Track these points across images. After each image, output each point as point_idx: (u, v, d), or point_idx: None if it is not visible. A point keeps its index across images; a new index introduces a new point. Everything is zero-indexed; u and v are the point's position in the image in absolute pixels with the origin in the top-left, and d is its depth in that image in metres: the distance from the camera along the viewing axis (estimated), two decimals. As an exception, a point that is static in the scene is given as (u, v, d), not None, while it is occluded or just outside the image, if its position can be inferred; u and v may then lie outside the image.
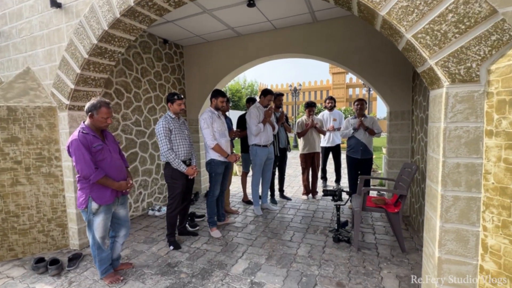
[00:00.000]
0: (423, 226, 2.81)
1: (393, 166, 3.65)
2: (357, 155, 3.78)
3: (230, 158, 3.15)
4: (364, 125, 3.72)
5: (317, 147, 4.47)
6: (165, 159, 2.77)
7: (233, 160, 3.19)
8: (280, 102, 4.25)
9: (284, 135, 4.32)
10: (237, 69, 4.55)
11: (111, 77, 3.51)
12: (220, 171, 3.15)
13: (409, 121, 3.53)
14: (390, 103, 3.61)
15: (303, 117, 4.58)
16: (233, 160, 3.18)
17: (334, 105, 5.22)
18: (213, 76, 4.71)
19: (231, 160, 3.16)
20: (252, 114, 3.68)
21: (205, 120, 3.05)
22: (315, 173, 4.56)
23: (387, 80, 3.59)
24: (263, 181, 4.04)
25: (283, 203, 4.36)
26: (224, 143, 3.15)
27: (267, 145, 3.78)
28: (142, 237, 3.17)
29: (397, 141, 3.61)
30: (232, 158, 3.17)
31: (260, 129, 3.64)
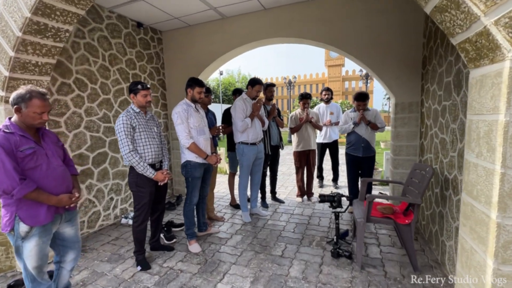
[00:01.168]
0: (436, 238, 2.39)
1: (398, 165, 3.21)
2: (358, 152, 3.32)
3: (209, 159, 2.66)
4: (366, 119, 3.26)
5: (312, 143, 4.00)
6: (128, 163, 2.27)
7: (214, 162, 2.70)
8: (271, 94, 3.75)
9: (276, 131, 3.84)
10: (223, 56, 4.02)
11: (70, 64, 2.97)
12: (198, 175, 2.66)
13: (417, 114, 3.07)
14: (396, 94, 3.15)
15: (297, 111, 4.09)
16: (213, 162, 2.70)
17: (331, 97, 4.74)
18: (197, 64, 4.18)
19: (211, 162, 2.68)
20: (237, 107, 3.18)
21: (179, 114, 2.54)
22: (310, 172, 4.11)
23: (392, 66, 3.12)
24: (252, 184, 3.57)
25: (275, 206, 3.91)
26: (203, 142, 2.66)
27: (256, 143, 3.30)
28: (107, 254, 2.69)
29: (403, 137, 3.16)
30: (212, 160, 2.69)
31: (247, 125, 3.15)
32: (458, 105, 1.96)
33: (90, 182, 3.19)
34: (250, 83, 3.24)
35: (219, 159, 2.77)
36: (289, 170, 6.47)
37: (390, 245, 2.68)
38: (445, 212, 2.19)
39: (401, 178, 3.20)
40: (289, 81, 13.84)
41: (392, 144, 3.27)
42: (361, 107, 3.29)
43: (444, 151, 2.24)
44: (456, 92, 2.00)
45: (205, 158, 2.63)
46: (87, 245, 2.87)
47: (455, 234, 1.98)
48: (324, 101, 4.74)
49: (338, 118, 4.74)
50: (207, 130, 2.78)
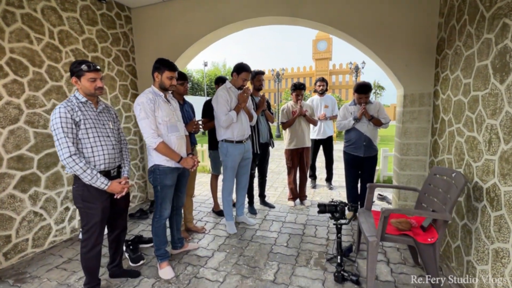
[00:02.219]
0: (457, 255, 1.99)
1: (405, 166, 2.80)
2: (359, 152, 2.88)
3: (184, 162, 2.12)
4: (368, 114, 2.81)
5: (306, 140, 3.53)
6: (69, 171, 1.69)
7: (190, 165, 2.16)
8: (260, 83, 3.22)
9: (266, 126, 3.33)
10: (204, 38, 3.43)
11: (0, 40, 2.30)
12: (169, 183, 2.12)
13: (429, 107, 2.66)
14: (404, 84, 2.71)
15: (289, 103, 3.60)
16: (189, 165, 2.15)
17: (326, 89, 4.28)
18: (173, 48, 3.56)
19: (186, 165, 2.14)
20: (220, 98, 2.64)
21: (142, 106, 1.97)
22: (304, 173, 3.65)
23: (401, 51, 2.67)
24: (237, 188, 3.06)
25: (265, 213, 3.43)
26: (176, 141, 2.10)
27: (242, 141, 2.78)
28: (52, 284, 2.10)
29: (412, 134, 2.75)
30: (188, 163, 2.14)
31: (231, 119, 2.62)
32: (501, 95, 1.53)
33: (36, 191, 2.56)
34: (236, 70, 2.70)
35: (197, 161, 2.23)
36: (279, 168, 6.01)
37: (401, 261, 2.27)
38: (474, 227, 1.79)
39: (408, 181, 2.80)
40: (277, 74, 13.33)
41: (399, 142, 2.86)
42: (362, 100, 2.84)
43: (473, 153, 1.82)
44: (499, 78, 1.56)
45: (178, 161, 2.09)
46: (28, 271, 2.27)
47: (494, 260, 1.57)
48: (319, 93, 4.28)
49: (333, 112, 4.30)
50: (182, 126, 2.23)
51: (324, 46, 26.83)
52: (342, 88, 26.91)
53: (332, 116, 4.26)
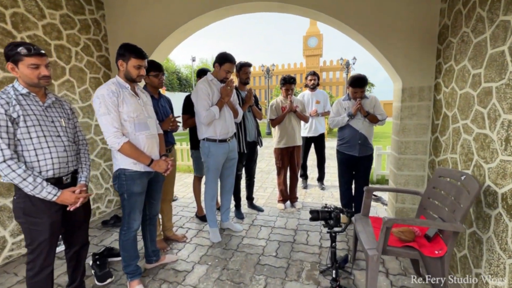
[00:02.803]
0: (464, 266, 1.78)
1: (403, 166, 2.59)
2: (353, 151, 2.65)
3: (155, 165, 1.82)
4: (364, 110, 2.58)
5: (297, 139, 3.27)
6: (5, 179, 1.37)
7: (163, 169, 1.86)
8: (246, 76, 2.93)
9: (253, 123, 3.05)
10: (185, 26, 3.10)
11: None
12: (138, 189, 1.81)
13: (429, 102, 2.45)
14: (403, 76, 2.49)
15: (278, 98, 3.33)
16: (162, 169, 1.85)
17: (317, 83, 4.03)
18: (150, 37, 3.22)
19: (158, 169, 1.83)
20: (200, 92, 2.34)
21: (102, 100, 1.65)
22: (294, 173, 3.40)
23: (399, 40, 2.44)
24: (222, 192, 2.78)
25: (252, 217, 3.17)
26: (145, 140, 1.80)
27: (227, 139, 2.49)
28: (-2, 311, 1.78)
29: (411, 131, 2.53)
30: (161, 166, 1.84)
31: (213, 115, 2.33)
32: (523, 86, 1.31)
33: (-15, 199, 2.20)
34: (218, 60, 2.40)
35: (171, 164, 1.93)
36: (268, 167, 5.76)
37: (401, 272, 2.06)
38: (486, 237, 1.58)
39: (406, 182, 2.60)
40: (267, 69, 13.03)
41: (396, 140, 2.64)
42: (358, 95, 2.60)
43: (485, 152, 1.61)
44: (519, 66, 1.34)
45: (149, 165, 1.78)
46: (-28, 295, 1.93)
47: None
48: (310, 88, 4.03)
49: (325, 108, 4.07)
50: (153, 124, 1.93)
51: (314, 42, 26.67)
52: (333, 85, 26.88)
53: (324, 113, 4.02)
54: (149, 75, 2.30)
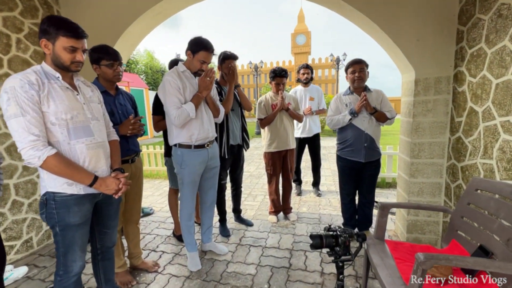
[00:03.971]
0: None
1: (417, 172, 2.19)
2: (358, 156, 2.22)
3: (100, 185, 1.31)
4: (370, 106, 2.15)
5: (290, 141, 2.82)
6: None
7: (112, 189, 1.35)
8: (230, 71, 2.44)
9: (238, 123, 2.58)
10: (157, 7, 2.59)
11: None
12: (75, 220, 1.30)
13: (447, 96, 2.05)
14: (415, 64, 2.08)
15: (268, 94, 2.87)
16: (110, 189, 1.35)
17: (311, 77, 3.60)
18: (115, 22, 2.68)
19: (105, 190, 1.33)
20: (168, 86, 1.85)
21: (13, 95, 1.14)
22: (288, 181, 2.96)
23: (410, 21, 2.03)
24: (202, 208, 2.30)
25: (240, 233, 2.70)
26: (85, 151, 1.30)
27: (205, 145, 2.01)
28: None
29: (425, 130, 2.13)
30: (109, 186, 1.33)
31: (186, 114, 1.84)
32: None
33: None
34: (191, 47, 1.90)
35: (124, 183, 1.42)
36: (259, 171, 5.29)
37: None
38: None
39: (420, 190, 2.20)
40: (255, 66, 12.56)
41: (407, 142, 2.23)
42: (357, 75, 2.15)
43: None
44: None
45: (91, 185, 1.28)
46: None
47: None
48: (302, 83, 3.59)
49: (320, 105, 3.65)
50: (100, 128, 1.42)
51: (303, 40, 26.42)
52: (322, 82, 26.73)
53: (319, 111, 3.61)
54: (101, 64, 1.79)
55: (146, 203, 3.73)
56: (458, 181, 1.92)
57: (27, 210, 2.45)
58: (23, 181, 2.42)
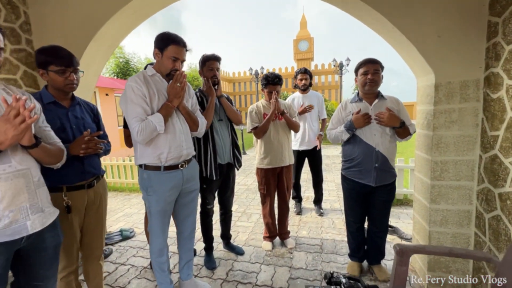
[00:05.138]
0: None
1: (440, 197, 1.79)
2: (367, 178, 1.82)
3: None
4: (396, 118, 1.73)
5: (286, 157, 2.44)
6: None
7: (11, 133, 0.92)
8: (213, 74, 2.09)
9: (228, 137, 2.21)
10: (131, 4, 2.28)
11: None
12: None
13: (477, 103, 1.66)
14: (436, 66, 1.70)
15: (260, 102, 2.52)
16: (9, 133, 0.92)
17: (310, 83, 3.25)
18: (87, 22, 2.38)
19: (9, 140, 0.93)
20: (129, 93, 1.50)
21: None
22: (284, 201, 2.56)
23: (429, 14, 1.67)
24: (179, 239, 1.92)
25: (228, 265, 2.31)
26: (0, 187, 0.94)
27: (178, 165, 1.64)
28: None
29: (449, 146, 1.74)
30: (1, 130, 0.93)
31: (153, 128, 1.48)
32: None
33: None
34: (158, 44, 1.55)
35: (15, 107, 0.92)
36: (255, 185, 4.89)
37: None
38: None
39: (444, 219, 1.79)
40: (256, 72, 12.30)
41: (428, 159, 1.84)
42: (370, 77, 1.75)
43: None
44: None
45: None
46: None
47: None
48: (300, 89, 3.23)
49: (320, 114, 3.29)
50: (22, 151, 1.06)
51: (305, 46, 26.28)
52: (325, 88, 26.41)
53: (322, 121, 3.24)
54: (49, 70, 1.46)
55: (128, 223, 3.36)
56: (495, 212, 1.52)
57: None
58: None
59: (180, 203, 1.77)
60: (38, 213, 1.08)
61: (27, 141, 1.00)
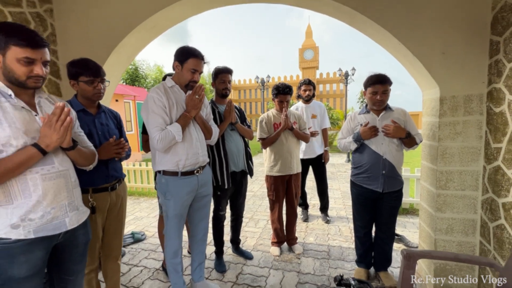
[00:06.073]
0: None
1: (445, 206, 1.85)
2: (375, 184, 1.90)
3: (43, 143, 1.04)
4: (402, 130, 1.82)
5: (294, 165, 2.53)
6: None
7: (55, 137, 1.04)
8: (225, 86, 2.21)
9: (241, 145, 2.31)
10: (151, 19, 2.43)
11: None
12: (21, 273, 1.04)
13: (480, 117, 1.74)
14: (440, 80, 1.79)
15: (270, 111, 2.62)
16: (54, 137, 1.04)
17: (313, 94, 3.35)
18: (109, 35, 2.53)
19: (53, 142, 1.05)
20: (151, 104, 1.62)
21: None
22: (292, 208, 2.64)
23: (433, 31, 1.77)
24: (192, 242, 2.00)
25: (237, 268, 2.38)
26: (40, 184, 1.06)
27: (194, 171, 1.75)
28: None
29: (454, 157, 1.81)
30: (47, 135, 1.04)
31: (171, 138, 1.59)
32: None
33: None
34: (178, 57, 1.67)
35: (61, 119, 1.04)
36: (262, 191, 4.97)
37: None
38: None
39: (450, 228, 1.85)
40: (262, 81, 12.49)
41: (432, 169, 1.91)
42: (379, 98, 1.85)
43: None
44: None
45: (43, 152, 1.04)
46: None
47: None
48: (304, 100, 3.33)
49: (322, 123, 3.37)
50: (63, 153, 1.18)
51: (310, 55, 26.60)
52: (330, 97, 26.57)
53: (323, 130, 3.33)
54: (79, 80, 1.59)
55: (139, 226, 3.46)
56: (499, 221, 1.58)
57: None
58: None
59: (195, 207, 1.87)
60: (74, 211, 1.19)
61: (66, 143, 1.12)
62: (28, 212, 1.04)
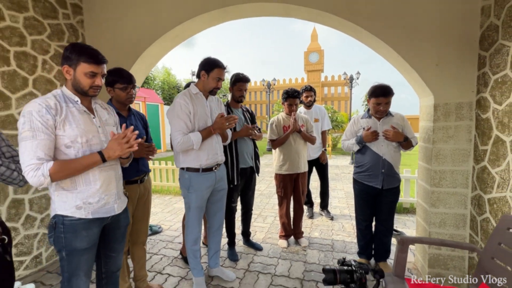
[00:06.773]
0: None
1: (438, 201, 2.05)
2: (375, 182, 2.12)
3: (107, 154, 1.27)
4: (400, 134, 2.04)
5: (302, 164, 2.75)
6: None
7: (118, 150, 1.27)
8: (241, 93, 2.44)
9: (250, 145, 2.55)
10: (173, 31, 2.68)
11: None
12: (82, 245, 1.28)
13: (470, 122, 1.95)
14: (435, 89, 2.01)
15: (280, 115, 2.85)
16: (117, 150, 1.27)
17: (314, 100, 3.57)
18: (135, 44, 2.79)
19: (115, 154, 1.27)
20: (177, 109, 1.86)
21: (29, 119, 1.16)
22: (299, 204, 2.86)
23: (428, 45, 1.98)
24: (209, 232, 2.24)
25: (249, 258, 2.60)
26: (98, 175, 1.30)
27: (213, 168, 1.98)
28: None
29: (447, 158, 2.02)
30: (113, 148, 1.27)
31: (190, 144, 1.82)
32: None
33: None
34: (204, 67, 1.92)
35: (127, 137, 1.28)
36: (269, 190, 5.19)
37: None
38: None
39: (442, 221, 2.05)
40: (268, 84, 12.74)
41: (427, 168, 2.12)
42: (382, 108, 2.07)
43: None
44: None
45: (104, 160, 1.26)
46: None
47: None
48: (305, 105, 3.54)
49: (323, 125, 3.59)
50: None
51: (315, 58, 26.77)
52: (335, 100, 26.70)
53: (323, 132, 3.55)
54: (115, 87, 1.84)
55: (155, 220, 3.70)
56: (485, 215, 1.78)
57: (39, 225, 2.47)
58: (38, 196, 2.47)
59: (212, 200, 2.10)
60: (120, 198, 1.43)
61: (125, 156, 1.35)
62: (88, 197, 1.29)
